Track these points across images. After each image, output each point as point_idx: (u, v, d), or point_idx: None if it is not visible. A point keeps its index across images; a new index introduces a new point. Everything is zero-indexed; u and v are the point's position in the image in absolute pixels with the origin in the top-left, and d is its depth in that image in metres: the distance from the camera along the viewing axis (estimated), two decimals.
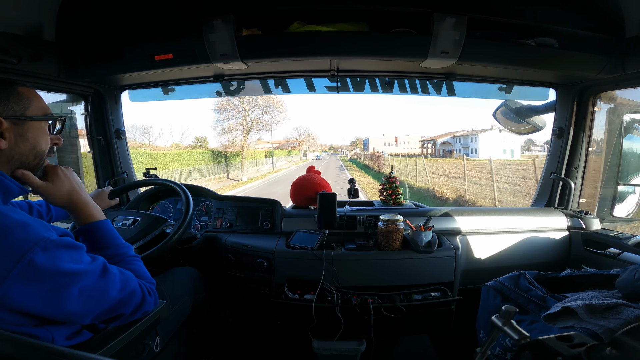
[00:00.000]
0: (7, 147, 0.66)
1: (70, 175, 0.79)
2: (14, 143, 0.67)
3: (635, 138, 1.60)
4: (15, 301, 0.56)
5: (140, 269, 0.81)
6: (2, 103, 0.66)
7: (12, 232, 0.57)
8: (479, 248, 1.49)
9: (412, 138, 60.07)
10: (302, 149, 56.13)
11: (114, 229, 0.82)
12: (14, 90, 0.68)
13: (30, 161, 0.71)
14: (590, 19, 1.23)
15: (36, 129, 0.70)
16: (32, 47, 1.19)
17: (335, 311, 1.26)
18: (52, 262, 0.58)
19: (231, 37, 1.20)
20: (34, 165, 0.72)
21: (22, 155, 0.69)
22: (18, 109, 0.67)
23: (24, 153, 0.69)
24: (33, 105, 0.70)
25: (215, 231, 1.56)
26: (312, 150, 64.54)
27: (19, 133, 0.67)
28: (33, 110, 0.70)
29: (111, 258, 0.75)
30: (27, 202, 1.07)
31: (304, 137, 57.42)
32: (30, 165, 0.71)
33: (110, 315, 0.70)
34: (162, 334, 1.01)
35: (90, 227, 0.78)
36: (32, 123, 0.70)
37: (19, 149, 0.68)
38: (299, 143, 55.43)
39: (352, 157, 58.73)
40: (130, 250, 0.82)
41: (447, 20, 1.16)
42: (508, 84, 1.65)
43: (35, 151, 0.71)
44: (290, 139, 56.80)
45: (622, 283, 0.88)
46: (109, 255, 0.76)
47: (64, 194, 0.76)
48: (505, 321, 0.54)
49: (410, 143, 57.46)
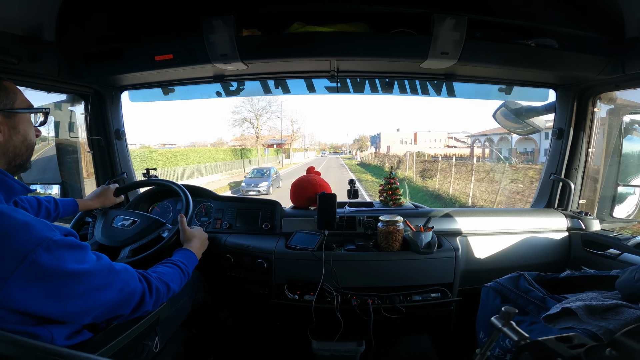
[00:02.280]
0: (2, 140, 0.68)
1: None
2: (8, 136, 0.69)
3: (635, 139, 1.61)
4: (17, 301, 0.56)
5: (169, 273, 0.88)
6: None
7: (15, 233, 0.57)
8: (479, 249, 1.49)
9: (435, 134, 44.62)
10: (290, 147, 39.08)
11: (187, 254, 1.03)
12: (1, 85, 0.70)
13: (23, 152, 0.73)
14: (590, 20, 1.23)
15: (25, 121, 0.73)
16: (32, 47, 1.19)
17: (334, 312, 1.26)
18: (56, 262, 0.59)
19: (231, 38, 1.20)
20: (26, 158, 0.74)
21: (16, 147, 0.71)
22: (7, 102, 0.70)
23: (17, 145, 0.71)
24: (19, 99, 0.72)
25: (215, 232, 1.56)
26: (305, 150, 52.78)
27: (12, 126, 0.70)
28: (20, 103, 0.72)
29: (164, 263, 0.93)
30: (36, 197, 1.08)
31: (294, 134, 37.13)
32: (23, 157, 0.73)
33: (110, 315, 0.70)
34: (161, 334, 1.01)
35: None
36: (22, 115, 0.72)
37: (12, 141, 0.70)
38: (290, 139, 38.10)
39: (365, 159, 39.88)
40: (178, 258, 0.98)
41: (447, 21, 1.16)
42: (508, 85, 1.65)
43: (27, 142, 0.74)
44: (271, 135, 35.54)
45: (621, 284, 0.88)
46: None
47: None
48: (505, 322, 0.54)
49: (433, 141, 42.57)
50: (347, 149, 72.96)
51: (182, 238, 1.12)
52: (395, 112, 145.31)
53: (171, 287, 0.85)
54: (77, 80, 1.46)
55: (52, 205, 1.11)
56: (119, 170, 1.76)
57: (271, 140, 36.06)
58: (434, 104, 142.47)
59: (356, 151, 60.51)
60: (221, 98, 1.75)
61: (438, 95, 1.71)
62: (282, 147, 37.91)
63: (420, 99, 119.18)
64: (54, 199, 1.14)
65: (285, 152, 36.68)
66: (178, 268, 0.92)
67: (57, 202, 1.14)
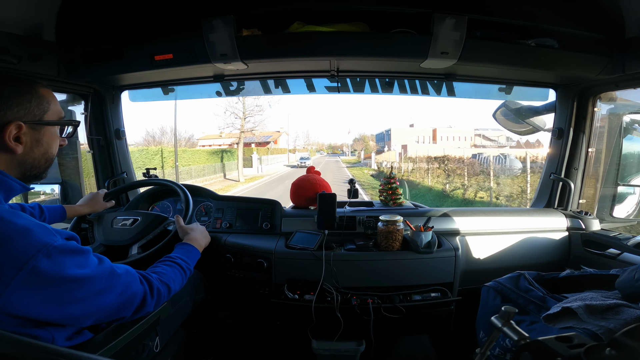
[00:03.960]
0: (22, 152, 0.64)
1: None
2: (29, 148, 0.66)
3: (635, 139, 1.61)
4: (16, 307, 0.55)
5: (169, 272, 0.87)
6: (24, 106, 0.63)
7: (14, 239, 0.56)
8: (479, 248, 1.49)
9: (459, 131, 35.92)
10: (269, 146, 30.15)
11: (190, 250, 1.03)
12: (35, 93, 0.66)
13: (41, 165, 0.69)
14: (590, 20, 1.23)
15: (51, 133, 0.69)
16: (32, 47, 1.19)
17: (334, 312, 1.26)
18: (56, 268, 0.58)
19: (231, 38, 1.20)
20: (43, 170, 0.71)
21: (35, 159, 0.67)
22: (38, 112, 0.66)
23: (36, 157, 0.68)
24: (51, 109, 0.68)
25: (214, 231, 1.56)
26: (293, 151, 38.74)
27: (36, 138, 0.66)
28: (50, 114, 0.68)
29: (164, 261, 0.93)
30: (19, 204, 1.05)
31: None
32: (41, 169, 0.70)
33: (112, 318, 0.70)
34: (161, 334, 1.01)
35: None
36: (48, 128, 0.68)
37: (32, 153, 0.67)
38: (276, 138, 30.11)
39: (386, 166, 20.63)
40: (178, 255, 0.97)
41: (447, 20, 1.16)
42: (508, 85, 1.65)
43: (47, 156, 0.70)
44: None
45: (621, 284, 0.88)
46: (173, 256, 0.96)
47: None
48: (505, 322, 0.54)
49: (457, 139, 34.32)
50: (348, 150, 56.16)
51: (181, 234, 1.12)
52: (404, 106, 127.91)
53: (172, 287, 0.84)
54: (77, 80, 1.46)
55: (36, 211, 1.07)
56: (119, 169, 1.76)
57: (249, 138, 23.30)
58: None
59: (360, 152, 43.75)
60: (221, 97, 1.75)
61: (438, 95, 1.71)
62: (264, 146, 29.77)
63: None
64: (39, 205, 1.10)
65: (258, 153, 22.47)
66: (178, 266, 0.91)
67: (42, 209, 1.10)
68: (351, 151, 53.52)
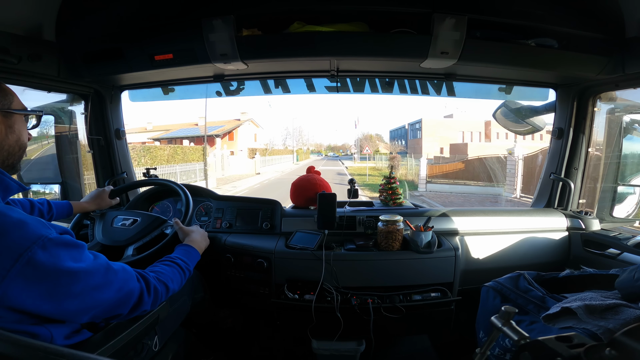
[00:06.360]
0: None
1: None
2: (4, 135, 0.70)
3: (635, 138, 1.61)
4: (14, 299, 0.56)
5: (167, 272, 0.88)
6: None
7: (10, 231, 0.57)
8: (479, 248, 1.49)
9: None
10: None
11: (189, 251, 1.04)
12: (1, 87, 0.72)
13: (16, 152, 0.74)
14: (590, 20, 1.23)
15: (20, 122, 0.75)
16: (32, 47, 1.19)
17: (334, 311, 1.26)
18: (52, 260, 0.59)
19: (231, 37, 1.20)
20: (18, 158, 0.75)
21: (10, 146, 0.72)
22: (5, 102, 0.71)
23: (11, 144, 0.72)
24: (15, 101, 0.74)
25: (214, 231, 1.56)
26: (266, 150, 28.44)
27: (8, 125, 0.71)
28: (16, 104, 0.74)
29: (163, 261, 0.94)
30: (28, 200, 1.08)
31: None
32: (15, 156, 0.75)
33: (108, 315, 0.70)
34: (161, 333, 1.01)
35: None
36: (17, 116, 0.74)
37: (7, 140, 0.71)
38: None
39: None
40: (178, 256, 0.98)
41: (447, 20, 1.16)
42: (508, 85, 1.65)
43: (20, 142, 0.75)
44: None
45: (621, 283, 0.88)
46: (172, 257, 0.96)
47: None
48: (505, 322, 0.54)
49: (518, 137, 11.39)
50: (356, 150, 39.65)
51: (181, 236, 1.12)
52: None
53: (170, 286, 0.84)
54: (77, 80, 1.46)
55: (45, 207, 1.10)
56: (119, 169, 1.76)
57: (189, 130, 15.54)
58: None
59: (372, 154, 29.49)
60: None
61: (438, 95, 1.71)
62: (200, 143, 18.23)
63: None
64: (47, 201, 1.13)
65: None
66: (177, 266, 0.92)
67: (50, 205, 1.13)
68: (359, 151, 35.11)
